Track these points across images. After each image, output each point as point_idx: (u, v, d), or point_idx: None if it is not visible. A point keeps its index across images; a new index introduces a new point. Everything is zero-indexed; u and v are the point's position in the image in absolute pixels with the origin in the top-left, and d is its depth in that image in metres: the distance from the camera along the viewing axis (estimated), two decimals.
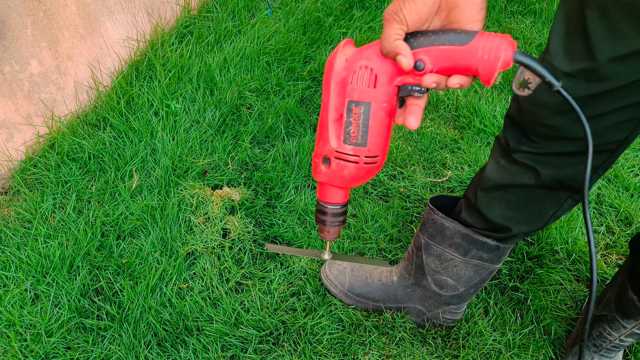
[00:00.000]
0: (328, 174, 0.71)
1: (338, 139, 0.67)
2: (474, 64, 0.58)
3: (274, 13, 2.31)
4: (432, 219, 1.10)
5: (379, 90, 0.63)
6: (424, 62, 0.60)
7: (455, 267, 1.12)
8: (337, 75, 0.65)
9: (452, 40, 0.58)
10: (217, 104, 1.82)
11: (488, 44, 0.57)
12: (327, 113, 0.67)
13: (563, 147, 0.81)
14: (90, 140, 1.66)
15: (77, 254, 1.36)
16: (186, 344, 1.23)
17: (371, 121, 0.65)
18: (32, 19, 1.50)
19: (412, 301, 1.26)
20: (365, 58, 0.63)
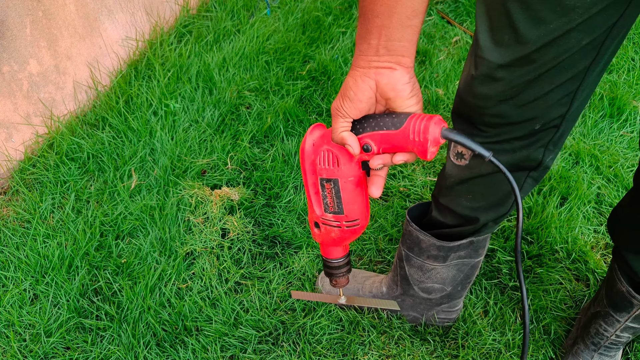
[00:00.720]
0: (321, 236, 0.81)
1: (320, 208, 0.77)
2: (408, 145, 0.65)
3: (273, 12, 2.30)
4: (408, 230, 1.12)
5: (343, 168, 0.72)
6: (370, 145, 0.68)
7: (438, 274, 1.14)
8: (307, 157, 0.74)
9: (388, 125, 0.66)
10: (216, 104, 1.82)
11: (417, 127, 0.63)
12: (307, 188, 0.77)
13: (512, 132, 0.85)
14: (89, 140, 1.66)
15: (76, 254, 1.36)
16: (185, 344, 1.23)
17: (342, 193, 0.73)
18: (31, 19, 1.50)
19: (404, 310, 1.27)
20: (327, 143, 0.72)
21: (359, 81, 0.66)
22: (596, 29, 0.69)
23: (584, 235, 1.48)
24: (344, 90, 0.67)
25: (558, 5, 0.66)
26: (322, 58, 2.05)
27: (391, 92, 0.66)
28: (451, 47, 2.25)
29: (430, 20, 2.39)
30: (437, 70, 2.08)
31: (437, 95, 1.95)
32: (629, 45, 2.23)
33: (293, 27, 2.20)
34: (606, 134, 1.81)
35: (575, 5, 0.65)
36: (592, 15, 0.66)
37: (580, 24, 0.67)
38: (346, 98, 0.67)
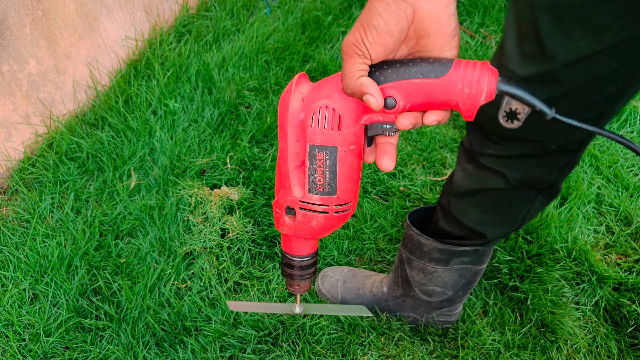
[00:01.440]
0: (293, 226, 0.62)
1: (302, 188, 0.59)
2: (453, 99, 0.51)
3: (273, 12, 2.30)
4: (409, 234, 1.11)
5: (345, 132, 0.55)
6: (394, 99, 0.52)
7: (439, 277, 1.13)
8: (293, 117, 0.56)
9: (425, 72, 0.51)
10: (215, 103, 1.82)
11: (468, 76, 0.50)
12: (285, 159, 0.58)
13: (525, 149, 0.81)
14: (88, 139, 1.66)
15: (76, 254, 1.36)
16: (185, 344, 1.22)
17: (339, 167, 0.57)
18: (31, 18, 1.50)
19: (404, 310, 1.26)
20: (325, 97, 0.55)
21: (393, 6, 0.49)
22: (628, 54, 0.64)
23: (584, 235, 1.48)
24: (368, 18, 0.50)
25: (589, 23, 0.61)
26: (321, 58, 2.05)
27: (433, 26, 0.51)
28: None
29: None
30: None
31: None
32: None
33: (293, 26, 2.20)
34: None
35: (607, 26, 0.60)
36: (625, 39, 0.62)
37: (611, 46, 0.62)
38: (371, 28, 0.50)
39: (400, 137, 1.78)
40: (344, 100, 0.54)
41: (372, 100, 0.51)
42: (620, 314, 1.33)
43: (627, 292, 1.36)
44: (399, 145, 1.74)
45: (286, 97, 0.57)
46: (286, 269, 0.71)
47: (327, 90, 0.55)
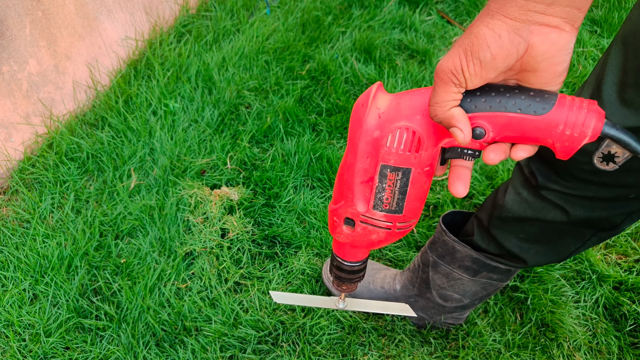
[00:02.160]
0: (351, 237, 0.61)
1: (366, 203, 0.57)
2: (550, 138, 0.47)
3: (273, 12, 2.30)
4: (443, 239, 1.06)
5: (422, 155, 0.52)
6: (484, 130, 0.48)
7: (462, 285, 1.10)
8: (367, 133, 0.53)
9: (524, 107, 0.46)
10: (215, 103, 1.82)
11: (572, 117, 0.45)
12: (352, 173, 0.56)
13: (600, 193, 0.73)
14: (88, 139, 1.66)
15: (76, 254, 1.36)
16: (185, 344, 1.22)
17: (410, 187, 0.55)
18: (31, 19, 1.50)
19: (414, 309, 1.24)
20: (406, 117, 0.51)
21: (506, 40, 0.43)
22: None
23: None
24: (475, 46, 0.44)
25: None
26: (321, 58, 2.05)
27: (543, 64, 0.45)
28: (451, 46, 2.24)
29: (430, 20, 2.39)
30: None
31: None
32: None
33: (293, 26, 2.20)
34: None
35: None
36: None
37: None
38: (475, 59, 0.44)
39: None
40: (427, 123, 0.51)
41: (460, 135, 0.47)
42: (620, 312, 1.33)
43: (627, 292, 1.36)
44: None
45: (361, 111, 0.53)
46: (336, 271, 0.72)
47: (408, 110, 0.51)
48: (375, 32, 2.25)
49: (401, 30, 2.31)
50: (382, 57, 2.13)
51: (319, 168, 1.63)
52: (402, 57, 2.17)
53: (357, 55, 2.13)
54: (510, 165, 1.62)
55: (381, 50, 2.15)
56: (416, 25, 2.30)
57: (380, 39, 2.19)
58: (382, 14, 2.36)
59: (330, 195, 1.57)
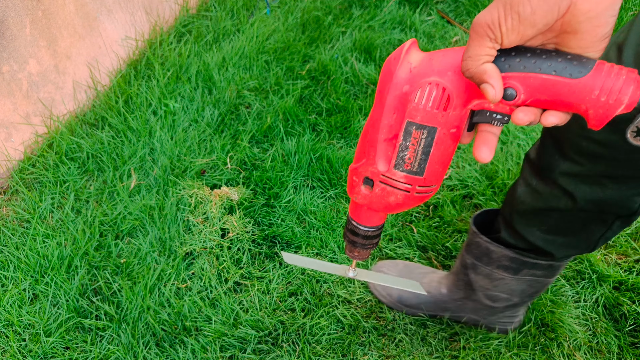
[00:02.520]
0: (369, 197, 0.60)
1: (388, 162, 0.56)
2: (583, 104, 0.45)
3: (273, 12, 2.30)
4: (476, 241, 1.05)
5: (450, 114, 0.51)
6: (516, 91, 0.47)
7: (507, 284, 1.07)
8: (396, 87, 0.52)
9: (559, 69, 0.45)
10: (215, 103, 1.82)
11: (609, 83, 0.44)
12: (376, 129, 0.54)
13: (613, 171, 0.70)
14: (88, 139, 1.66)
15: (76, 254, 1.36)
16: (185, 344, 1.22)
17: (434, 148, 0.53)
18: (31, 19, 1.50)
19: (465, 312, 1.23)
20: (437, 73, 0.50)
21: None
22: None
23: None
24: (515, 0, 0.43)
25: None
26: (321, 58, 2.05)
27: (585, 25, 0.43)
28: (451, 46, 2.25)
29: (430, 20, 2.39)
30: None
31: None
32: None
33: (293, 26, 2.20)
34: None
35: None
36: None
37: None
38: (514, 13, 0.43)
39: None
40: (458, 80, 0.49)
41: (491, 92, 0.45)
42: (620, 311, 1.33)
43: (627, 292, 1.36)
44: None
45: (393, 64, 0.52)
46: (350, 235, 0.69)
47: (440, 66, 0.50)
48: (376, 32, 2.25)
49: (401, 30, 2.31)
50: (382, 57, 2.12)
51: (319, 168, 1.63)
52: None
53: (357, 55, 2.13)
54: (511, 166, 1.62)
55: (381, 50, 2.15)
56: (416, 26, 2.30)
57: (381, 39, 2.19)
58: (382, 14, 2.36)
59: (331, 195, 1.57)
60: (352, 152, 1.70)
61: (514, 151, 1.71)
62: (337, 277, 1.36)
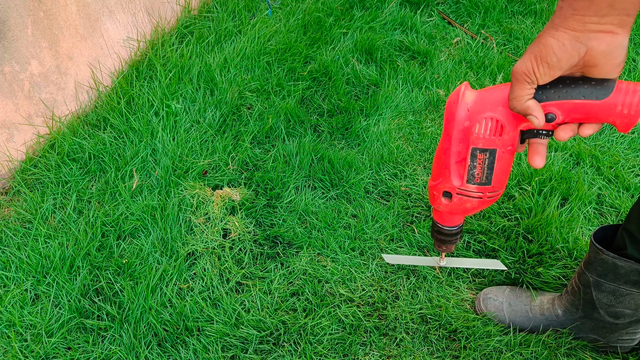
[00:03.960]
0: (449, 206, 0.75)
1: (461, 179, 0.70)
2: (611, 117, 0.58)
3: (275, 13, 2.31)
4: (601, 258, 1.06)
5: (505, 137, 0.64)
6: (555, 115, 0.60)
7: (633, 299, 1.08)
8: (459, 124, 0.66)
9: (587, 94, 0.57)
10: (217, 104, 1.82)
11: (628, 99, 0.56)
12: (448, 156, 0.68)
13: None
14: (90, 140, 1.66)
15: (78, 254, 1.36)
16: (186, 344, 1.23)
17: (496, 164, 0.67)
18: (33, 19, 1.50)
19: (583, 332, 1.22)
20: (490, 109, 0.63)
21: (568, 46, 0.54)
22: None
23: (584, 235, 1.48)
24: (543, 53, 0.55)
25: None
26: (323, 59, 2.05)
27: (602, 60, 0.55)
28: (452, 47, 2.25)
29: (431, 21, 2.40)
30: (437, 71, 2.08)
31: (439, 96, 1.96)
32: (629, 46, 2.23)
33: (294, 27, 2.21)
34: (607, 134, 1.81)
35: None
36: None
37: None
38: (544, 63, 0.56)
39: (402, 138, 1.79)
40: (507, 112, 0.63)
41: (535, 121, 0.59)
42: None
43: None
44: (399, 146, 1.75)
45: (453, 106, 0.65)
46: (437, 235, 0.86)
47: (491, 103, 0.63)
48: (377, 33, 2.25)
49: (402, 31, 2.31)
50: (383, 58, 2.13)
51: (320, 169, 1.63)
52: (403, 58, 2.17)
53: (359, 56, 2.13)
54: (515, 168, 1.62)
55: (382, 51, 2.15)
56: (417, 27, 2.31)
57: (382, 40, 2.19)
58: (383, 15, 2.36)
59: (332, 196, 1.58)
60: (354, 152, 1.71)
61: None
62: (339, 277, 1.37)
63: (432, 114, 1.91)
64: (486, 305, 1.29)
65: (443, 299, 1.33)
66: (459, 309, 1.31)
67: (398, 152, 1.72)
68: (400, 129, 1.82)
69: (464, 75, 2.06)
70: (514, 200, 1.54)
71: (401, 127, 1.83)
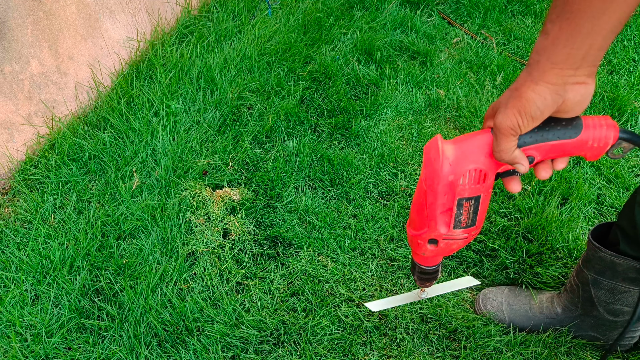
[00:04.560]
0: (435, 251, 0.79)
1: (447, 226, 0.74)
2: (582, 151, 0.64)
3: (275, 13, 2.31)
4: (599, 256, 1.07)
5: (487, 182, 0.69)
6: (534, 157, 0.65)
7: (632, 297, 1.09)
8: (443, 179, 0.68)
9: (561, 135, 0.63)
10: (217, 104, 1.82)
11: (597, 134, 0.62)
12: (434, 209, 0.72)
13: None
14: (90, 140, 1.66)
15: (78, 255, 1.36)
16: (187, 344, 1.23)
17: (480, 207, 0.72)
18: (33, 19, 1.50)
19: (582, 330, 1.23)
20: (473, 162, 0.67)
21: (549, 99, 0.58)
22: None
23: (584, 235, 1.48)
24: (527, 107, 0.59)
25: None
26: (323, 59, 2.05)
27: (576, 107, 0.60)
28: (452, 47, 2.25)
29: (431, 21, 2.40)
30: (437, 71, 2.08)
31: (439, 96, 1.96)
32: (629, 46, 2.23)
33: (294, 27, 2.21)
34: None
35: None
36: None
37: None
38: (528, 117, 0.60)
39: (402, 137, 1.79)
40: (489, 161, 0.67)
41: (522, 169, 0.64)
42: None
43: None
44: (399, 146, 1.75)
45: (435, 163, 0.68)
46: (420, 275, 0.92)
47: (473, 156, 0.67)
48: (377, 33, 2.25)
49: (402, 31, 2.31)
50: (383, 58, 2.13)
51: (320, 169, 1.64)
52: (403, 58, 2.17)
53: (359, 56, 2.13)
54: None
55: (382, 51, 2.15)
56: (417, 27, 2.31)
57: (382, 40, 2.19)
58: (383, 15, 2.36)
59: (332, 196, 1.58)
60: (354, 152, 1.70)
61: None
62: (339, 276, 1.37)
63: (432, 114, 1.91)
64: (485, 305, 1.30)
65: (443, 299, 1.32)
66: (459, 309, 1.31)
67: (398, 152, 1.72)
68: (400, 129, 1.82)
69: (464, 75, 2.06)
70: (514, 200, 1.54)
71: (401, 127, 1.83)
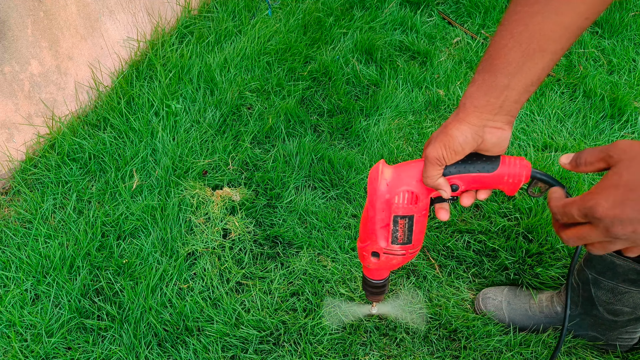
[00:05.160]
0: (378, 264, 0.85)
1: (386, 240, 0.80)
2: (500, 185, 0.72)
3: (275, 13, 2.31)
4: (599, 256, 1.08)
5: (420, 205, 0.76)
6: (458, 185, 0.73)
7: (632, 298, 1.10)
8: (381, 197, 0.76)
9: (480, 169, 0.72)
10: (217, 104, 1.82)
11: (511, 170, 0.71)
12: (374, 223, 0.79)
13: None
14: (90, 140, 1.66)
15: (78, 254, 1.36)
16: (186, 344, 1.23)
17: (415, 226, 0.78)
18: (33, 19, 1.50)
19: (583, 329, 1.23)
20: (406, 184, 0.75)
21: (469, 137, 0.68)
22: None
23: None
24: (449, 142, 0.68)
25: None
26: (323, 59, 2.05)
27: (494, 148, 0.69)
28: (452, 47, 2.25)
29: (431, 21, 2.40)
30: (437, 71, 2.08)
31: (439, 97, 1.95)
32: (630, 46, 2.23)
33: (294, 27, 2.20)
34: (607, 134, 1.81)
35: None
36: None
37: None
38: (451, 151, 0.69)
39: (402, 138, 1.79)
40: (420, 185, 0.75)
41: (445, 194, 0.73)
42: None
43: None
44: (399, 146, 1.75)
45: (374, 182, 0.76)
46: (369, 288, 0.97)
47: (407, 178, 0.76)
48: (377, 33, 2.25)
49: (402, 31, 2.31)
50: (383, 58, 2.13)
51: (320, 169, 1.63)
52: (403, 58, 2.17)
53: (359, 56, 2.13)
54: None
55: (382, 51, 2.15)
56: (417, 27, 2.31)
57: (382, 40, 2.19)
58: (383, 15, 2.36)
59: (332, 196, 1.58)
60: (354, 152, 1.71)
61: (514, 152, 1.71)
62: (339, 276, 1.37)
63: (432, 114, 1.91)
64: (485, 305, 1.30)
65: (443, 299, 1.33)
66: (459, 309, 1.31)
67: (398, 152, 1.72)
68: (400, 129, 1.82)
69: (464, 75, 2.06)
70: (514, 200, 1.54)
71: (401, 127, 1.83)
